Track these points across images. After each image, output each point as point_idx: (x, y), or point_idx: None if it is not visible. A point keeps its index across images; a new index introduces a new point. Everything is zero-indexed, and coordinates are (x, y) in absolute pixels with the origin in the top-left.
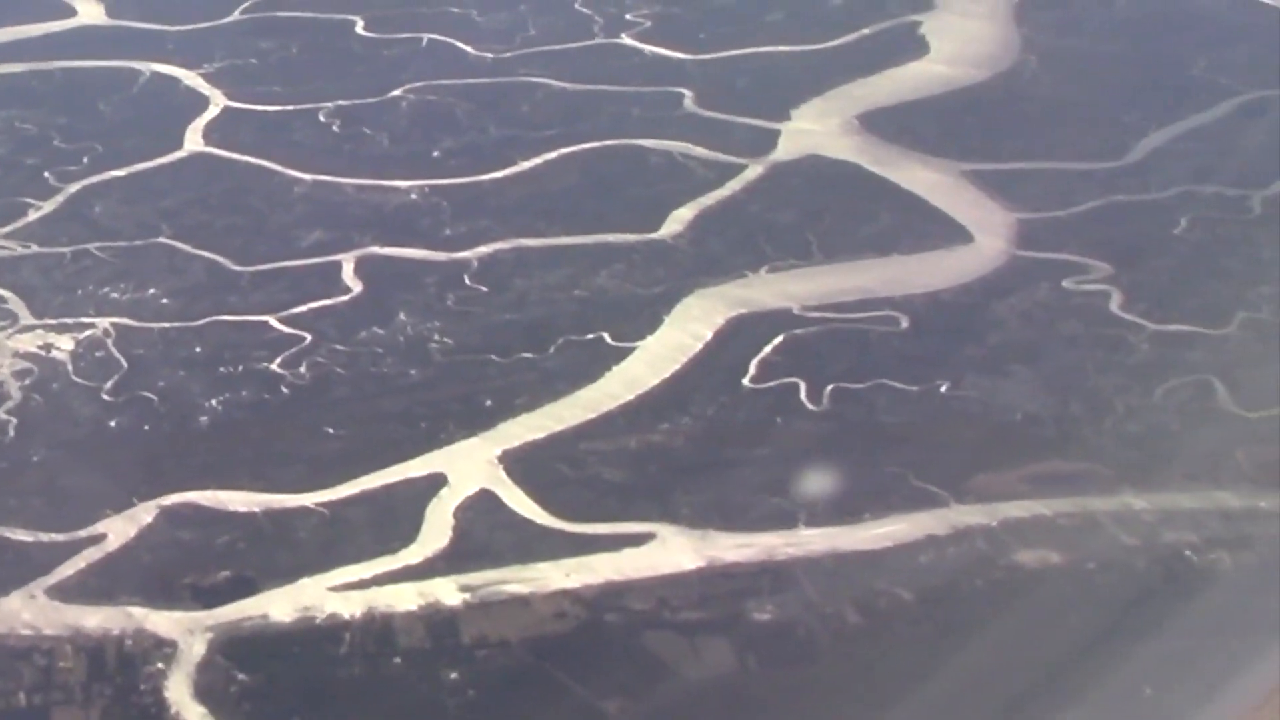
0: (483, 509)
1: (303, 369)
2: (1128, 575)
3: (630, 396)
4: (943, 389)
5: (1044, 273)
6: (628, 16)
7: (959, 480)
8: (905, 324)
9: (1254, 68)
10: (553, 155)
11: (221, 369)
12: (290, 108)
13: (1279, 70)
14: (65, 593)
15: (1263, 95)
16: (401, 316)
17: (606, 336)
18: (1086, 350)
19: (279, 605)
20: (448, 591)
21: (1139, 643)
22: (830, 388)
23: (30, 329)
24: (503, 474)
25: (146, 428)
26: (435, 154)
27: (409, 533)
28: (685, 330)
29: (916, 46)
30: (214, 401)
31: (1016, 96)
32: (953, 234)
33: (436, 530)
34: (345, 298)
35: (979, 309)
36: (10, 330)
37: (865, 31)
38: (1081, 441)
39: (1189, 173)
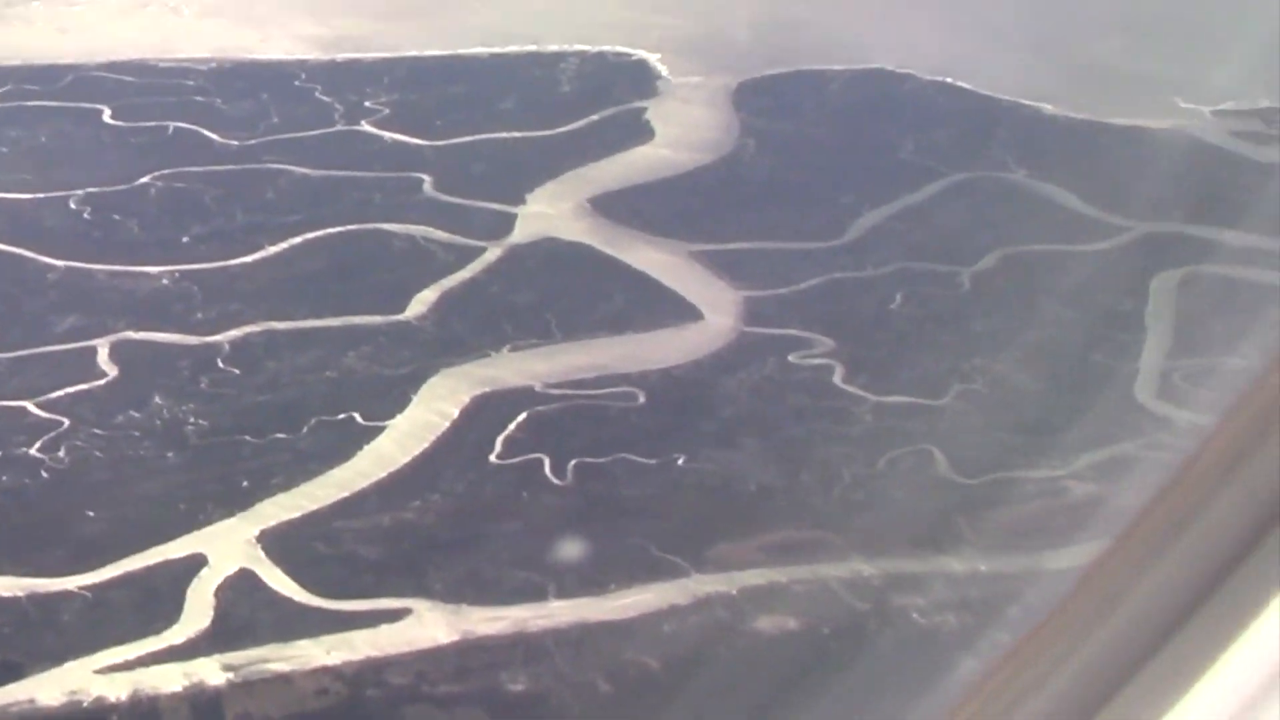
0: (243, 588)
1: (62, 453)
2: (860, 639)
3: (382, 475)
4: (680, 462)
5: (771, 348)
6: (367, 104)
7: (699, 550)
8: (642, 399)
9: (957, 150)
10: (299, 240)
11: None
12: (41, 195)
13: (979, 152)
14: None
15: (967, 176)
16: (157, 400)
17: (357, 416)
18: (813, 422)
19: (45, 689)
20: (211, 671)
21: (871, 700)
22: (573, 462)
23: None
24: (261, 553)
25: None
26: (185, 240)
27: (171, 613)
28: (432, 409)
29: (643, 132)
30: None
31: (738, 179)
32: (683, 312)
33: (198, 610)
34: (101, 382)
35: (711, 384)
36: None
37: (593, 118)
38: (812, 510)
39: (902, 251)
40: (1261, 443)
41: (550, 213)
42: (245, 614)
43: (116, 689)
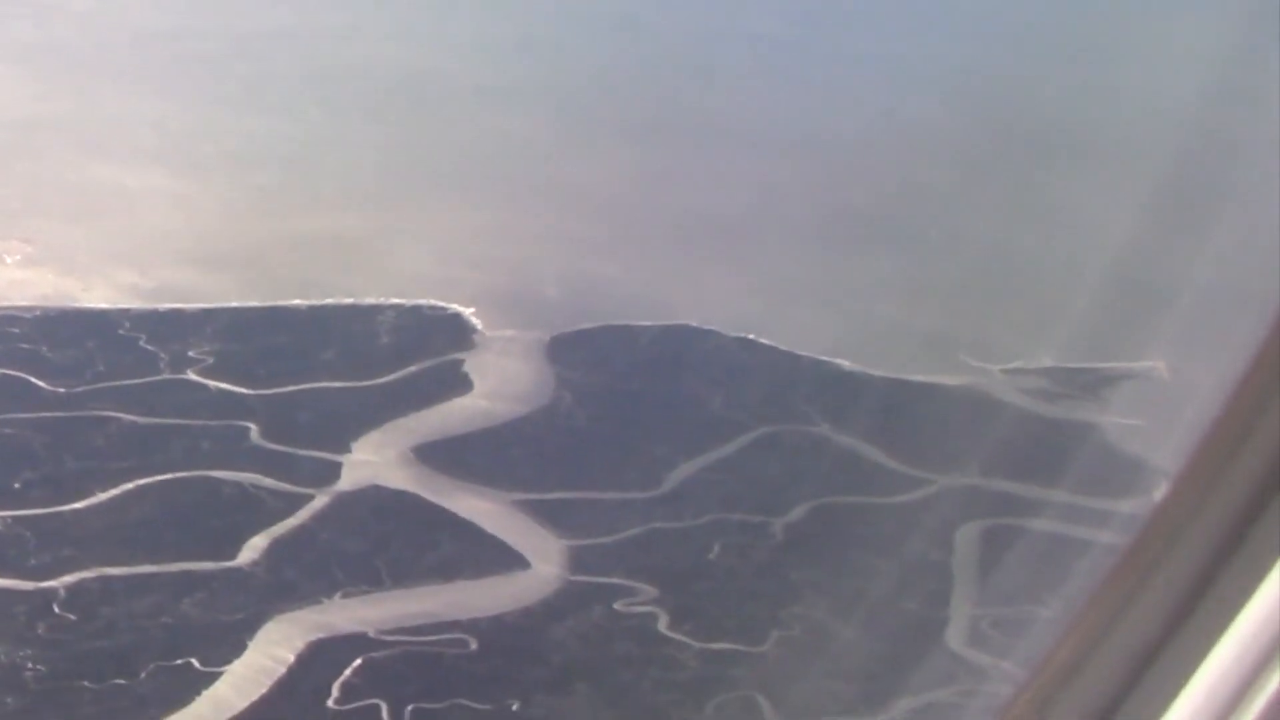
0: None
1: None
2: None
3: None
4: (514, 708)
5: (597, 596)
6: (190, 353)
7: None
8: (474, 645)
9: (762, 404)
10: (130, 486)
11: None
12: None
13: (783, 406)
14: None
15: (773, 429)
16: None
17: (195, 662)
18: (641, 669)
19: None
20: None
21: None
22: (410, 708)
23: None
24: None
25: None
26: (16, 485)
27: None
28: (268, 655)
29: (461, 383)
30: None
31: (555, 430)
32: (510, 560)
33: None
34: None
35: (540, 631)
36: None
37: (413, 368)
38: None
39: (717, 501)
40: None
41: (375, 460)
42: None
43: None
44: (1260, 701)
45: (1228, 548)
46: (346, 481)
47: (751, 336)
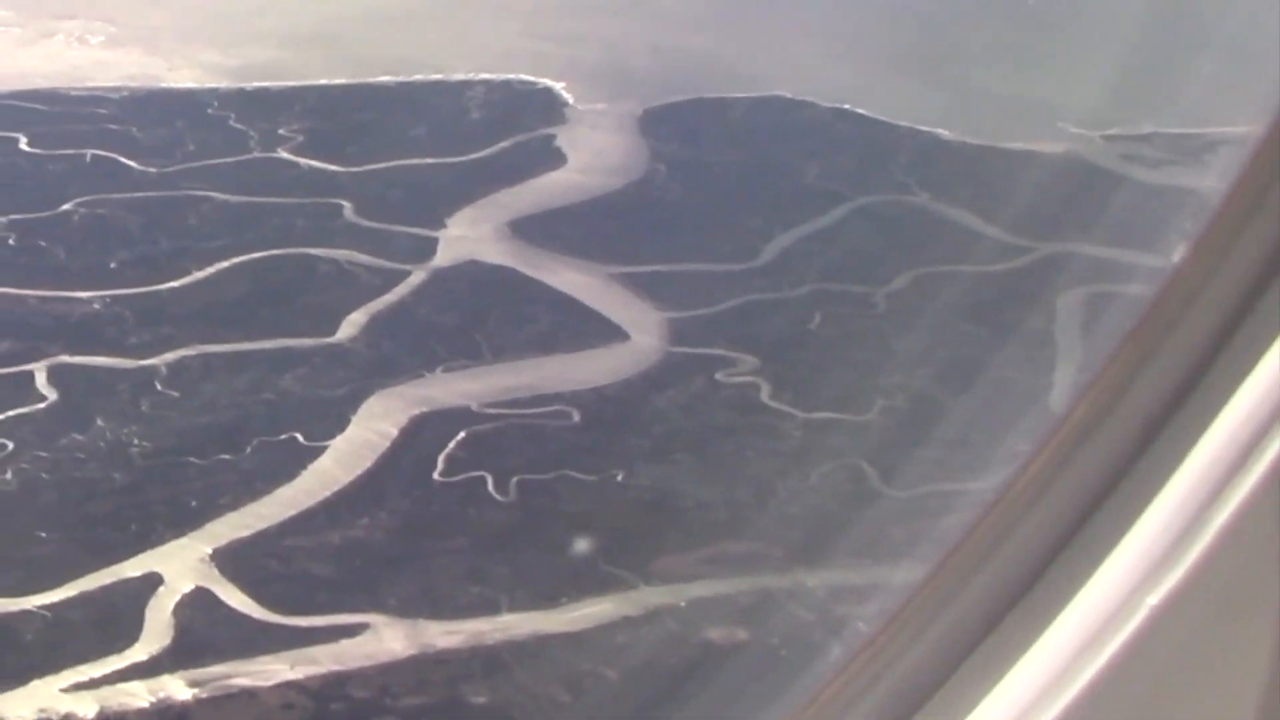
0: (201, 606)
1: (8, 476)
2: (808, 649)
3: (328, 493)
4: (619, 478)
5: (697, 367)
6: (280, 131)
7: (644, 563)
8: (577, 417)
9: (860, 174)
10: (225, 265)
11: None
12: None
13: (881, 177)
14: None
15: (871, 200)
16: (99, 422)
17: (299, 437)
18: (744, 438)
19: (13, 707)
20: (177, 687)
21: None
22: (515, 480)
23: None
24: (216, 571)
25: None
26: (112, 265)
27: (132, 632)
28: (372, 429)
29: (554, 157)
30: None
31: (651, 203)
32: (609, 333)
33: (158, 628)
34: (41, 405)
35: (642, 402)
36: None
37: (505, 144)
38: (750, 524)
39: (816, 272)
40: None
41: (471, 236)
42: (205, 631)
43: (84, 706)
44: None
45: (1227, 329)
46: (443, 257)
47: (847, 106)
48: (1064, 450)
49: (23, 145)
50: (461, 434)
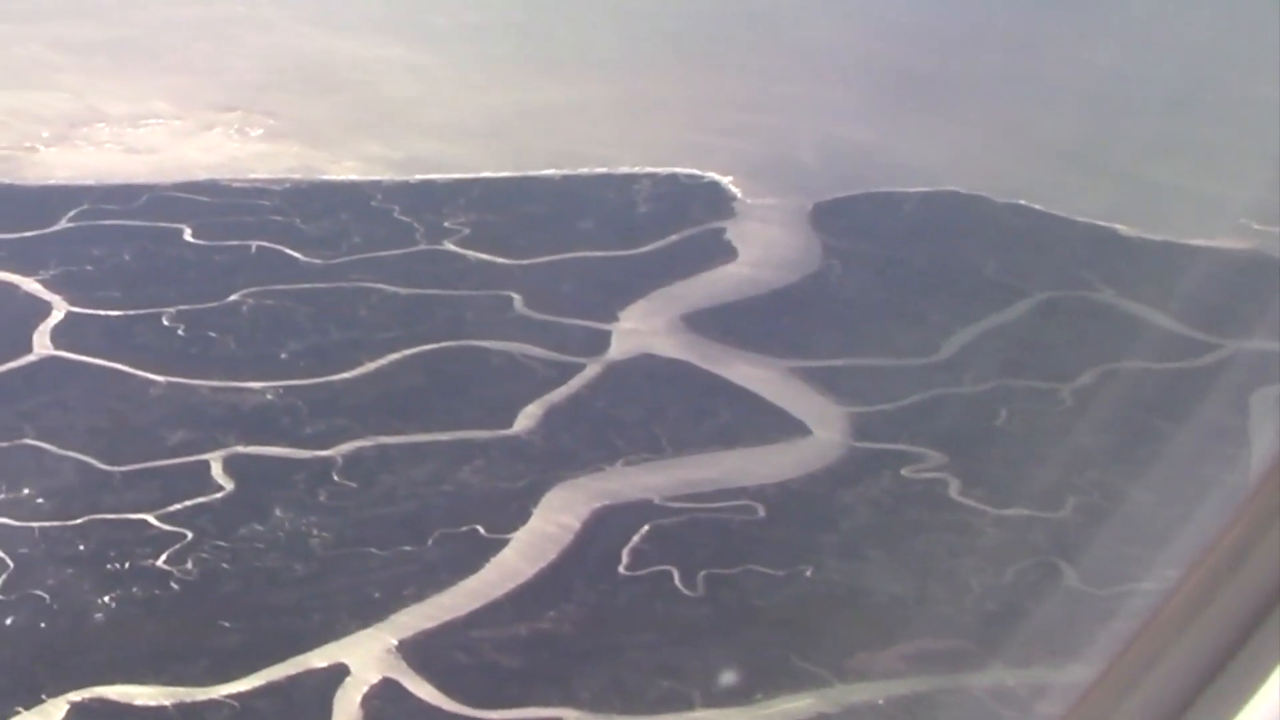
0: (388, 697)
1: (189, 565)
2: None
3: (512, 585)
4: (808, 573)
5: (882, 462)
6: (446, 224)
7: (839, 660)
8: (762, 512)
9: (1038, 269)
10: (397, 356)
11: (108, 566)
12: (132, 312)
13: (1060, 272)
14: None
15: (1052, 295)
16: (277, 513)
17: (480, 529)
18: (935, 534)
19: None
20: None
21: None
22: (702, 574)
23: None
24: (402, 663)
25: (42, 625)
26: (283, 356)
27: None
28: (553, 521)
29: (725, 251)
30: (106, 598)
31: (826, 298)
32: (790, 427)
33: (347, 719)
34: (219, 495)
35: (828, 497)
36: None
37: (674, 237)
38: (946, 620)
39: (998, 367)
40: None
41: (644, 329)
42: None
43: None
44: None
45: None
46: (617, 350)
47: (1022, 202)
48: (1257, 527)
49: (187, 236)
50: (645, 527)
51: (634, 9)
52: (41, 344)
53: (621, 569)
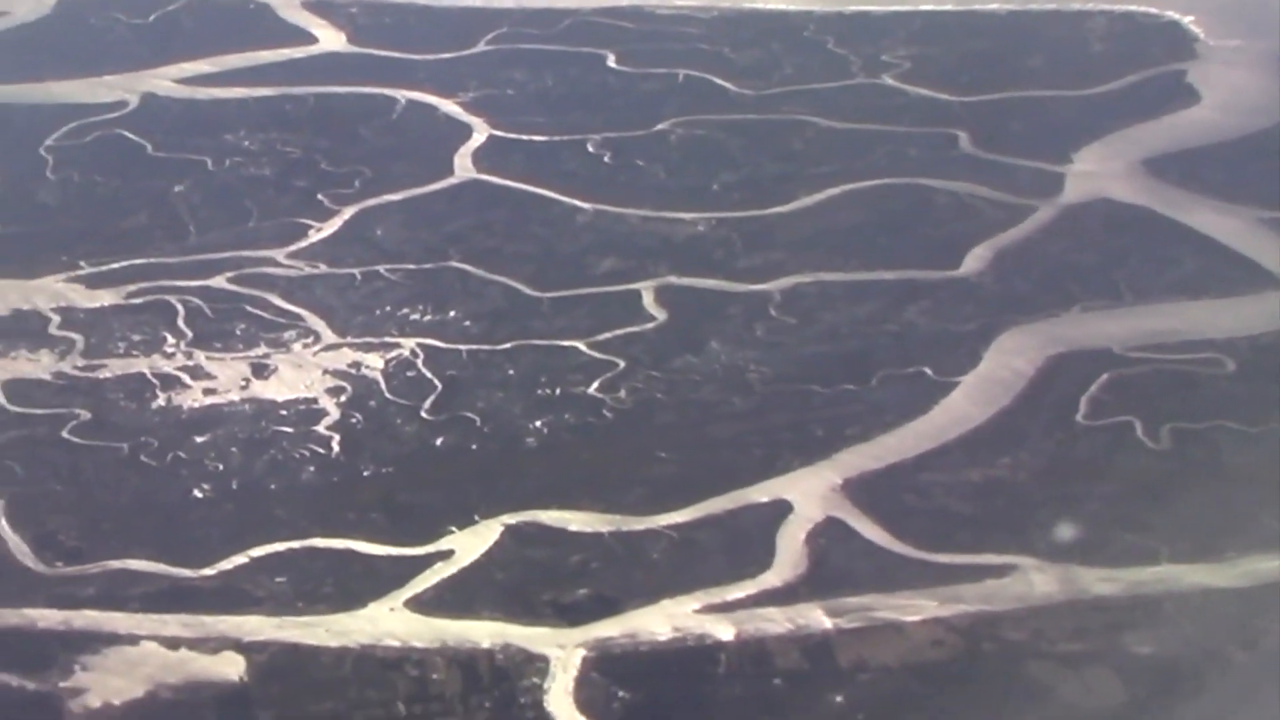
0: (835, 536)
1: (622, 394)
2: None
3: (963, 430)
4: None
5: None
6: (884, 58)
7: None
8: (1231, 366)
9: None
10: (835, 191)
11: (538, 392)
12: (555, 138)
13: None
14: (424, 605)
15: None
16: (713, 345)
17: (927, 370)
18: None
19: (647, 624)
20: (816, 616)
21: None
22: (1167, 427)
23: (335, 347)
24: (848, 502)
25: (473, 446)
26: (715, 187)
27: (763, 557)
28: (1005, 366)
29: (1186, 94)
30: (537, 423)
31: None
32: (1260, 280)
33: (791, 556)
34: (651, 325)
35: None
36: (315, 348)
37: (1131, 78)
38: None
39: None
40: None
41: (1101, 173)
42: (841, 561)
43: (720, 628)
44: None
45: None
46: (1071, 193)
47: None
48: None
49: (611, 63)
50: (1104, 376)
51: None
52: (463, 166)
53: (1079, 418)
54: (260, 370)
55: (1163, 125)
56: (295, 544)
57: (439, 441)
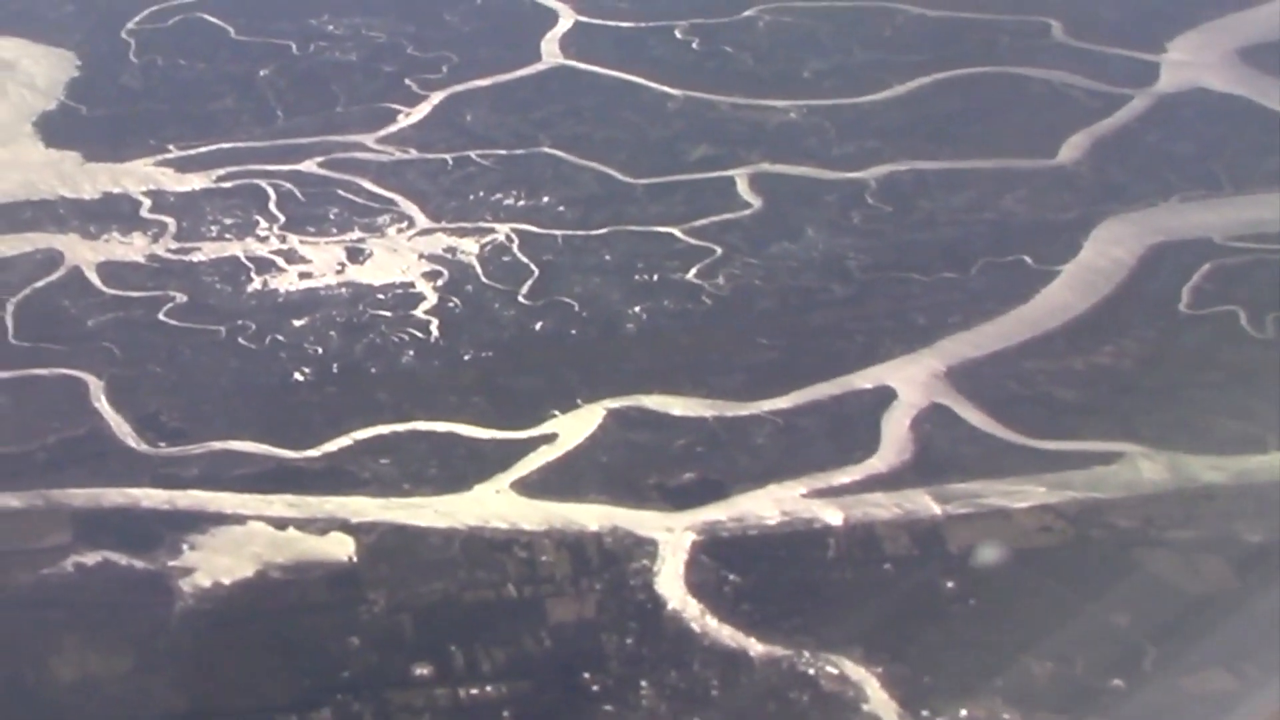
0: (939, 422)
1: (720, 280)
2: None
3: (1065, 318)
4: None
5: None
6: None
7: None
8: None
9: None
10: (927, 80)
11: (636, 277)
12: (643, 24)
13: None
14: (530, 488)
15: None
16: (809, 232)
17: (1027, 259)
18: None
19: (754, 509)
20: (924, 502)
21: None
22: (1272, 315)
23: (429, 232)
24: (951, 389)
25: (572, 331)
26: (805, 74)
27: (868, 443)
28: (1105, 255)
29: None
30: (636, 309)
31: None
32: None
33: (896, 442)
34: (747, 212)
35: None
36: (410, 232)
37: None
38: None
39: None
40: None
41: (1196, 62)
42: (947, 447)
43: (829, 513)
44: None
45: None
46: (1166, 82)
47: None
48: None
49: None
50: (1206, 266)
51: None
52: (550, 52)
53: (1182, 307)
54: (355, 254)
55: (1258, 14)
56: (398, 426)
57: (538, 326)
